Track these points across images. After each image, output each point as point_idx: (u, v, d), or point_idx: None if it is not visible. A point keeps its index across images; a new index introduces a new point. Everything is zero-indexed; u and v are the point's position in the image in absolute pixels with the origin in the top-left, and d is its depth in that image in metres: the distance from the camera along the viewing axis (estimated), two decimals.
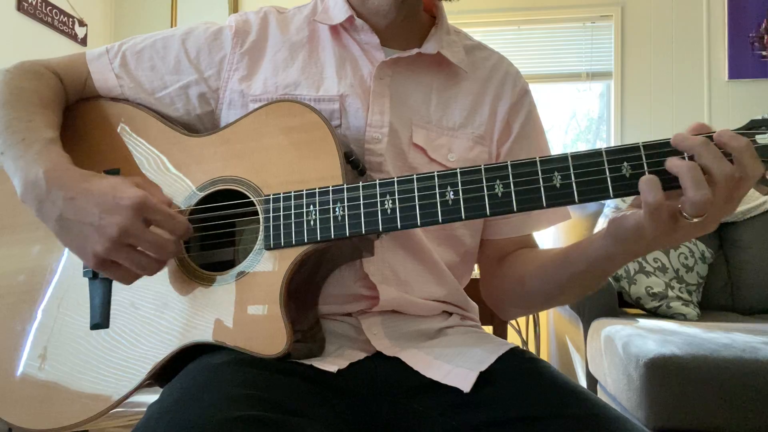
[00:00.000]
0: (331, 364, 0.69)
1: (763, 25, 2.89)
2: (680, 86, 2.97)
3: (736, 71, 2.89)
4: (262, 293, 0.69)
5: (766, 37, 2.89)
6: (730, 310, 2.40)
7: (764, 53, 2.88)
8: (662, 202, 0.56)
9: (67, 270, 0.78)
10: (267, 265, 0.70)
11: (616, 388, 1.72)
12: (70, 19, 3.03)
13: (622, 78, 3.02)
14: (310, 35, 0.85)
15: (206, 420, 0.53)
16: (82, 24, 3.12)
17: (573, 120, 3.33)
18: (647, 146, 0.60)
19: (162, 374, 0.72)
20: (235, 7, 3.32)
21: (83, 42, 3.11)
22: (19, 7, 2.69)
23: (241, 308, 0.69)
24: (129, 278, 0.69)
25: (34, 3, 2.77)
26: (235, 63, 0.83)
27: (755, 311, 2.38)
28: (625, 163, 0.60)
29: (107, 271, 0.68)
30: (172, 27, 3.32)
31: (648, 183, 0.57)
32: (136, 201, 0.64)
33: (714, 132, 0.59)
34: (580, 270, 0.72)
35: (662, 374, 1.50)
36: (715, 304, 2.42)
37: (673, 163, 0.57)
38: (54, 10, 2.91)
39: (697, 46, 2.96)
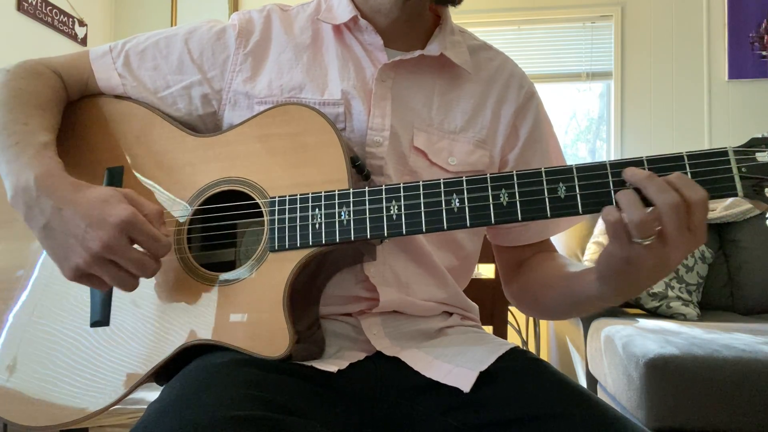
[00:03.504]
0: (331, 364, 0.69)
1: (763, 25, 2.89)
2: (680, 86, 2.97)
3: (736, 71, 2.90)
4: (264, 295, 0.69)
5: (766, 37, 2.89)
6: (730, 310, 2.40)
7: (764, 53, 2.88)
8: (619, 220, 0.58)
9: None
10: (270, 267, 0.70)
11: (616, 388, 1.72)
12: (70, 19, 3.03)
13: (622, 78, 3.02)
14: (314, 35, 0.85)
15: (206, 420, 0.53)
16: (82, 24, 3.12)
17: (573, 120, 3.33)
18: (651, 160, 0.61)
19: (162, 373, 0.72)
20: (235, 7, 3.32)
21: (83, 42, 3.11)
22: (19, 7, 2.69)
23: (243, 309, 0.69)
24: (104, 289, 0.70)
25: (34, 3, 2.77)
26: (239, 64, 0.82)
27: (755, 311, 2.38)
28: None
29: (84, 282, 0.68)
30: (172, 27, 3.33)
31: (607, 208, 0.59)
32: (122, 219, 0.64)
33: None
34: (581, 302, 0.74)
35: (662, 374, 1.50)
36: (715, 304, 2.42)
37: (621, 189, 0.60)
38: (54, 10, 2.91)
39: (697, 46, 2.96)
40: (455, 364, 0.71)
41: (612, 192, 0.61)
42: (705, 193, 0.57)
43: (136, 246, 0.66)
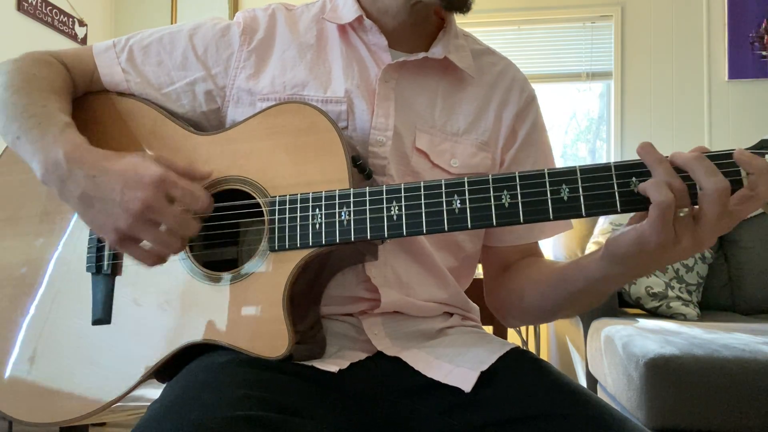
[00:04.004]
0: (331, 364, 0.69)
1: (763, 25, 2.89)
2: (680, 86, 2.97)
3: (736, 71, 2.89)
4: (265, 295, 0.69)
5: (766, 37, 2.89)
6: (730, 310, 2.40)
7: (764, 53, 2.88)
8: (673, 201, 0.56)
9: (71, 264, 0.78)
10: (271, 267, 0.70)
11: (616, 388, 1.72)
12: (70, 19, 3.03)
13: (622, 78, 3.02)
14: (318, 34, 0.85)
15: (207, 420, 0.53)
16: (82, 24, 3.12)
17: (573, 120, 3.33)
18: None
19: (163, 371, 0.73)
20: (235, 7, 3.32)
21: (83, 42, 3.11)
22: (19, 7, 2.69)
23: (243, 309, 0.69)
24: (149, 258, 0.68)
25: (34, 3, 2.77)
26: (243, 61, 0.82)
27: (755, 311, 2.38)
28: (634, 178, 0.60)
29: (128, 248, 0.67)
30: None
31: (656, 185, 0.57)
32: (157, 176, 0.64)
33: (732, 150, 0.58)
34: (578, 290, 0.72)
35: (662, 374, 1.50)
36: (715, 304, 2.42)
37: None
38: (54, 10, 2.91)
39: (697, 46, 2.96)
40: (456, 364, 0.71)
41: (617, 194, 0.60)
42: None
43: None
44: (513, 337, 2.60)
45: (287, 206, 0.70)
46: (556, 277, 0.76)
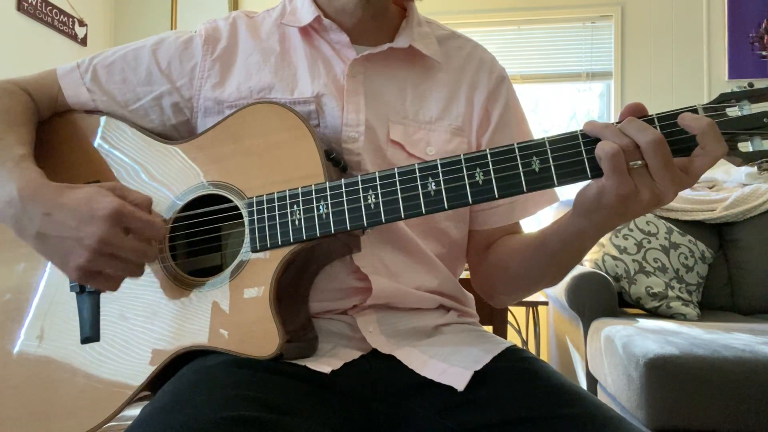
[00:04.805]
0: (324, 364, 0.68)
1: (763, 25, 2.89)
2: (680, 86, 2.97)
3: (736, 71, 2.89)
4: (251, 295, 0.68)
5: (766, 37, 2.89)
6: (730, 310, 2.40)
7: (764, 53, 2.88)
8: (618, 150, 0.58)
9: (54, 286, 0.77)
10: (255, 268, 0.69)
11: (616, 388, 1.72)
12: (70, 19, 3.03)
13: (622, 78, 3.02)
14: (281, 38, 0.85)
15: (198, 421, 0.53)
16: (82, 24, 3.12)
17: (573, 120, 3.32)
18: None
19: (157, 383, 0.71)
20: (235, 8, 3.32)
21: (83, 42, 3.11)
22: (19, 7, 2.69)
23: (231, 311, 0.69)
24: (114, 285, 0.69)
25: (34, 3, 2.77)
26: (207, 70, 0.83)
27: (755, 311, 2.37)
28: None
29: (92, 281, 0.67)
30: (172, 28, 3.33)
31: (602, 142, 0.60)
32: (112, 210, 0.64)
33: (679, 111, 0.61)
34: (556, 249, 0.74)
35: (662, 374, 1.50)
36: (715, 304, 2.41)
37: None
38: (54, 10, 2.91)
39: (697, 46, 2.96)
40: (450, 363, 0.71)
41: (586, 160, 0.61)
42: (726, 149, 0.59)
43: (131, 236, 0.66)
44: (513, 337, 2.59)
45: (265, 206, 0.70)
46: (536, 242, 0.77)
